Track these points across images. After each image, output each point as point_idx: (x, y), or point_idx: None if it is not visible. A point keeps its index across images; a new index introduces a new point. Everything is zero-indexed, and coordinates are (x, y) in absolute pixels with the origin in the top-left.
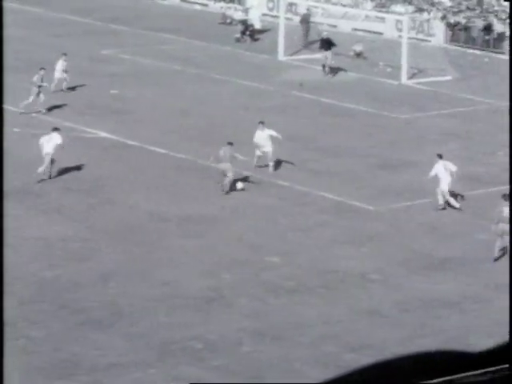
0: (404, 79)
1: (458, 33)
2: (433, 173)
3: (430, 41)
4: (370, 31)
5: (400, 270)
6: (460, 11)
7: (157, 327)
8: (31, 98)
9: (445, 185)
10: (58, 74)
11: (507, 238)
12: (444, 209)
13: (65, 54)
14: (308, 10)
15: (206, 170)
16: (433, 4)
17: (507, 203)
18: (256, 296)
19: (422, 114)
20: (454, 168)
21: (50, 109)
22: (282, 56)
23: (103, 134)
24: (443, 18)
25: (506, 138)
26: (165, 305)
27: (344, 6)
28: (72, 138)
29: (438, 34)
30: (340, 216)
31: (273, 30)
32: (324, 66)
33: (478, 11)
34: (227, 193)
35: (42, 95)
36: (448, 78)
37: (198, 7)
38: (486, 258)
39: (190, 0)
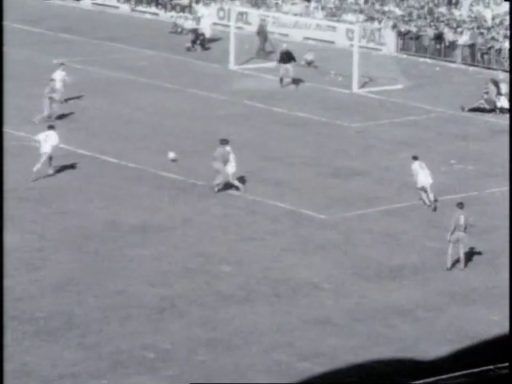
0: (355, 88)
1: (409, 42)
2: (414, 173)
3: (381, 50)
4: (321, 40)
5: (352, 279)
6: (411, 20)
7: (109, 337)
8: (45, 111)
9: (426, 180)
10: (59, 84)
11: (462, 245)
12: (434, 208)
13: (63, 64)
14: (263, 20)
15: (157, 179)
16: (384, 13)
17: (462, 211)
18: (208, 305)
19: (374, 123)
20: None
21: None
22: (233, 65)
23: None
24: (394, 26)
25: (458, 147)
26: (117, 314)
27: (295, 15)
28: (23, 148)
29: (389, 42)
30: (292, 225)
31: (224, 39)
32: (282, 79)
33: (428, 20)
34: (217, 191)
35: (54, 105)
36: (399, 86)
37: (148, 16)
38: (438, 266)
39: (141, 9)
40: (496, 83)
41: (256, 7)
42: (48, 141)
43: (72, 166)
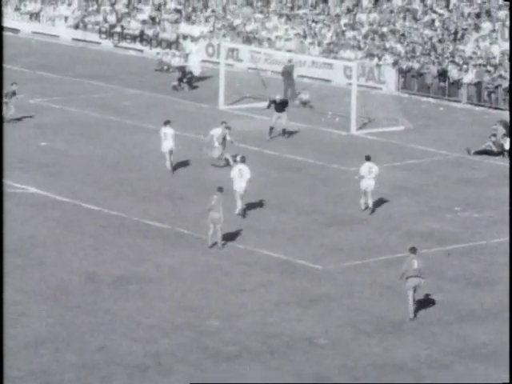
0: (353, 129)
1: (411, 80)
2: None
3: (380, 88)
4: (317, 78)
5: (350, 334)
6: (413, 57)
7: None
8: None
9: (365, 185)
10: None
11: (420, 290)
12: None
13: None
14: (290, 60)
15: (141, 228)
16: (384, 49)
17: (415, 256)
18: (195, 362)
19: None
20: (376, 170)
21: None
22: (222, 105)
23: (32, 190)
24: (395, 63)
25: (464, 192)
26: (98, 373)
27: (289, 51)
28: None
29: (390, 80)
30: (286, 276)
31: (213, 77)
32: (272, 129)
33: (432, 56)
34: (212, 245)
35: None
36: (400, 128)
37: (132, 53)
38: (443, 320)
39: (125, 45)
40: (505, 124)
41: (247, 43)
42: None
43: (51, 214)
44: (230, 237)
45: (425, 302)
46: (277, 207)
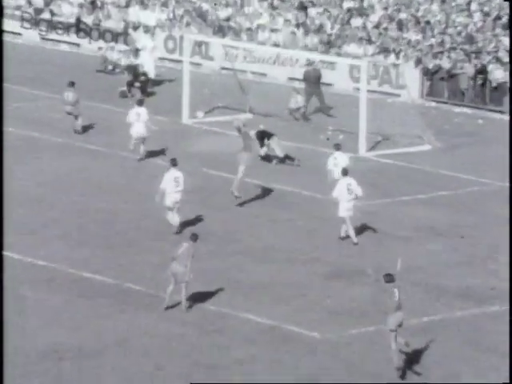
0: (363, 151)
1: (440, 83)
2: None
3: (399, 95)
4: None
5: None
6: (442, 52)
7: None
8: None
9: (343, 210)
10: None
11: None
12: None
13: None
14: (311, 62)
15: (77, 282)
16: (403, 42)
17: (394, 284)
18: None
19: (389, 201)
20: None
21: None
22: (186, 118)
23: None
24: (418, 61)
25: (509, 236)
26: None
27: (276, 45)
28: None
29: (412, 84)
30: (273, 347)
31: (174, 80)
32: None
33: (467, 51)
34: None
35: None
36: (426, 148)
37: (66, 47)
38: None
39: (55, 37)
40: None
41: (220, 35)
42: None
43: None
44: (198, 295)
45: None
46: (262, 255)
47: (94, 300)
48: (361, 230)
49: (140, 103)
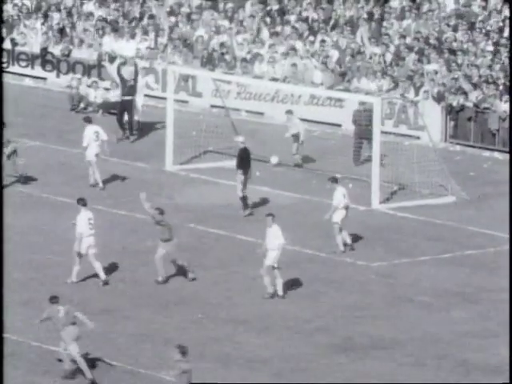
0: (376, 202)
1: (466, 123)
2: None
3: (418, 137)
4: (318, 121)
5: None
6: (466, 89)
7: None
8: None
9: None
10: None
11: None
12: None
13: None
14: (363, 104)
15: (45, 357)
16: (423, 74)
17: None
18: None
19: (407, 261)
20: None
21: None
22: (170, 165)
23: None
24: (440, 97)
25: None
26: None
27: (274, 80)
28: None
29: (433, 125)
30: None
31: (157, 121)
32: (245, 199)
33: (499, 85)
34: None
35: None
36: (449, 199)
37: (30, 83)
38: None
39: (16, 70)
40: None
41: (209, 66)
42: None
43: None
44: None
45: None
46: (259, 324)
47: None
48: (375, 294)
49: (89, 120)
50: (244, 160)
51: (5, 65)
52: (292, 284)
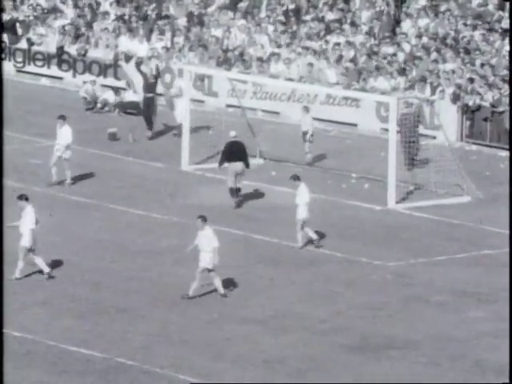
0: (392, 202)
1: (482, 123)
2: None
3: (434, 137)
4: (334, 121)
5: None
6: (486, 85)
7: None
8: None
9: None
10: None
11: None
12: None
13: None
14: (409, 104)
15: (62, 357)
16: (438, 74)
17: None
18: None
19: (423, 261)
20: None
21: None
22: (186, 164)
23: None
24: (456, 97)
25: None
26: None
27: (289, 80)
28: None
29: (449, 125)
30: None
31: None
32: (236, 190)
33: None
34: None
35: None
36: (466, 199)
37: (46, 82)
38: None
39: (33, 70)
40: None
41: (226, 66)
42: None
43: None
44: (200, 368)
45: None
46: (275, 324)
47: (79, 377)
48: (391, 294)
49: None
50: (234, 153)
51: (19, 64)
52: (308, 284)
